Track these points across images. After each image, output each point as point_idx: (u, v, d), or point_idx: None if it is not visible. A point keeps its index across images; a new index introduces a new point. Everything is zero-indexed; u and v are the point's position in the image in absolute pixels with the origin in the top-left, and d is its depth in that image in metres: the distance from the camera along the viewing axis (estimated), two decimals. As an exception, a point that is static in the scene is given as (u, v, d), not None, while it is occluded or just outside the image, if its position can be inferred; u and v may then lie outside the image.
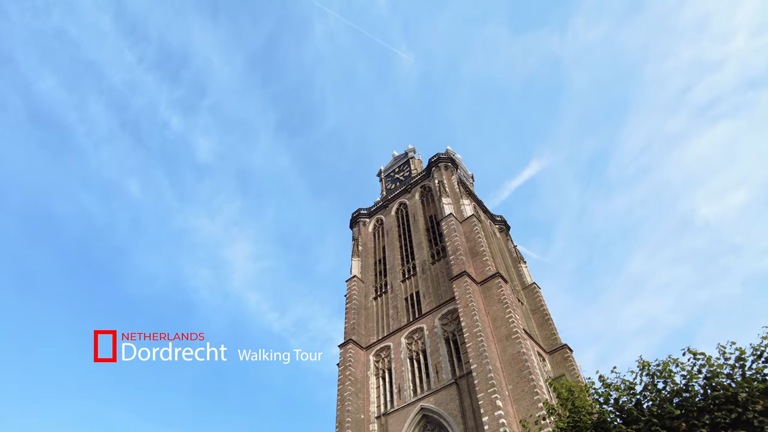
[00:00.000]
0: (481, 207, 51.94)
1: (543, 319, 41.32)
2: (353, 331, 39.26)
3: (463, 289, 33.77)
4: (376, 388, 35.67)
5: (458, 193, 45.38)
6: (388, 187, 56.81)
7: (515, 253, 49.54)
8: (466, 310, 32.39)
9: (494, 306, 33.42)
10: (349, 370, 35.66)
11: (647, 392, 8.58)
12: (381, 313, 41.45)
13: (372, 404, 34.53)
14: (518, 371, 29.02)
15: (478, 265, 36.97)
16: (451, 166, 49.18)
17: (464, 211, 42.79)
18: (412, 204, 49.12)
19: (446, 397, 30.90)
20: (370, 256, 47.76)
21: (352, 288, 43.58)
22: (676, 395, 8.27)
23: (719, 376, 8.15)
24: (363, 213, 52.23)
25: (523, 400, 27.52)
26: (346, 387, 34.42)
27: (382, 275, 45.01)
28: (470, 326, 31.31)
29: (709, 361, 8.41)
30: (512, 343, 30.60)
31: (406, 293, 41.06)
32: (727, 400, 7.76)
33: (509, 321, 31.83)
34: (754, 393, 7.65)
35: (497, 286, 34.28)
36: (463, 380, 30.80)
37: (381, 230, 49.98)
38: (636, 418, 8.17)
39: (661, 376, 8.66)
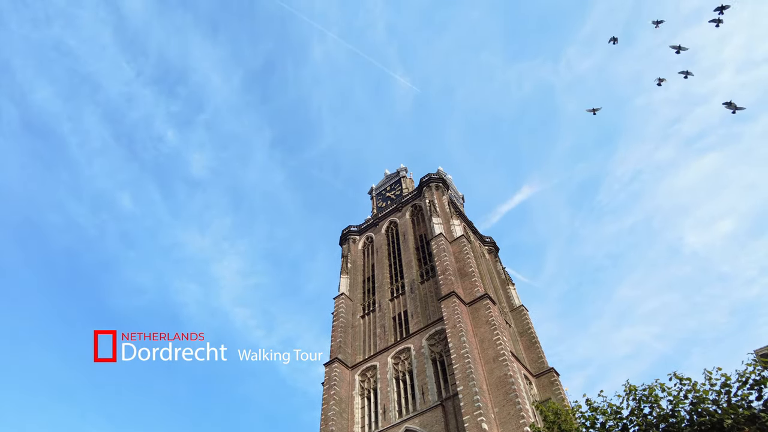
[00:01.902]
0: (471, 228, 52.15)
1: (530, 341, 41.19)
2: (339, 350, 38.73)
3: (451, 310, 33.60)
4: (360, 409, 35.05)
5: (448, 214, 45.54)
6: (379, 205, 56.90)
7: (504, 274, 49.62)
8: (454, 331, 32.18)
9: (482, 327, 33.25)
10: (334, 389, 35.07)
11: (633, 417, 8.54)
12: (368, 331, 41.03)
13: (356, 425, 33.87)
14: (504, 394, 28.74)
15: (467, 286, 36.90)
16: (442, 186, 49.48)
17: (454, 232, 42.88)
18: (402, 223, 49.15)
19: (431, 419, 30.42)
20: (359, 273, 47.48)
21: (339, 305, 43.16)
22: (663, 420, 8.24)
23: (705, 402, 8.14)
24: (353, 230, 52.12)
25: (509, 423, 27.20)
26: (330, 407, 33.78)
27: (370, 293, 44.70)
28: (458, 347, 31.06)
29: (695, 387, 8.41)
30: (499, 366, 30.37)
31: (394, 312, 40.76)
32: (713, 427, 7.74)
33: (497, 343, 31.65)
34: (740, 419, 7.64)
35: (485, 308, 34.18)
36: (449, 402, 30.40)
37: (371, 248, 49.83)
38: (622, 444, 8.09)
39: (647, 400, 8.63)
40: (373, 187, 60.67)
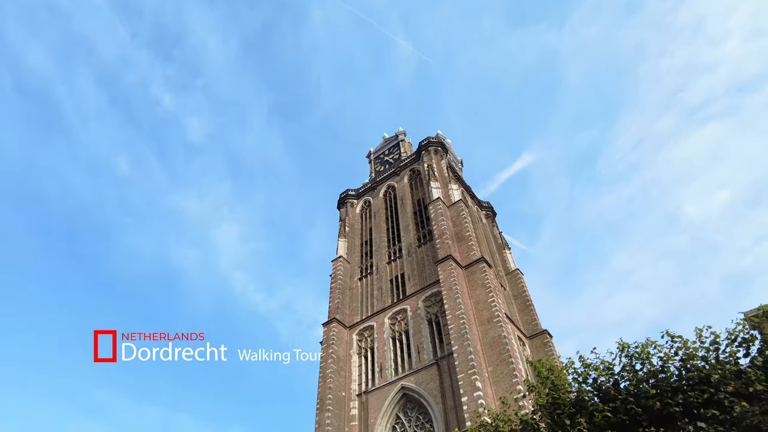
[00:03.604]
0: (469, 192, 52.17)
1: (525, 304, 42.01)
2: (337, 311, 39.49)
3: (447, 273, 34.09)
4: (358, 367, 36.08)
5: (447, 178, 45.44)
6: (377, 169, 56.61)
7: (500, 239, 50.05)
8: (450, 293, 32.76)
9: (477, 290, 33.84)
10: (332, 348, 35.98)
11: (625, 373, 8.82)
12: (366, 293, 41.71)
13: (353, 382, 34.96)
14: (498, 354, 29.58)
15: (464, 250, 37.29)
16: (441, 150, 49.13)
17: (452, 196, 42.93)
18: (400, 187, 49.09)
19: (427, 377, 31.41)
20: (357, 237, 47.80)
21: (337, 268, 43.68)
22: (653, 376, 8.51)
23: (694, 359, 8.40)
24: (351, 194, 52.09)
25: (502, 382, 28.12)
26: (328, 365, 34.75)
27: (368, 256, 45.16)
28: (453, 309, 31.71)
29: (686, 345, 8.66)
30: (493, 327, 31.11)
31: (391, 275, 41.31)
32: (700, 381, 8.02)
33: (491, 305, 32.30)
34: (726, 375, 7.91)
35: (481, 271, 34.67)
36: (444, 361, 31.30)
37: (368, 212, 49.96)
38: (613, 397, 8.40)
39: (639, 357, 8.88)
40: (371, 151, 60.19)
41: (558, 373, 9.10)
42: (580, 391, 8.71)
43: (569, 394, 8.74)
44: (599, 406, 8.17)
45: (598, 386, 8.82)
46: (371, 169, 57.48)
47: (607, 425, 7.98)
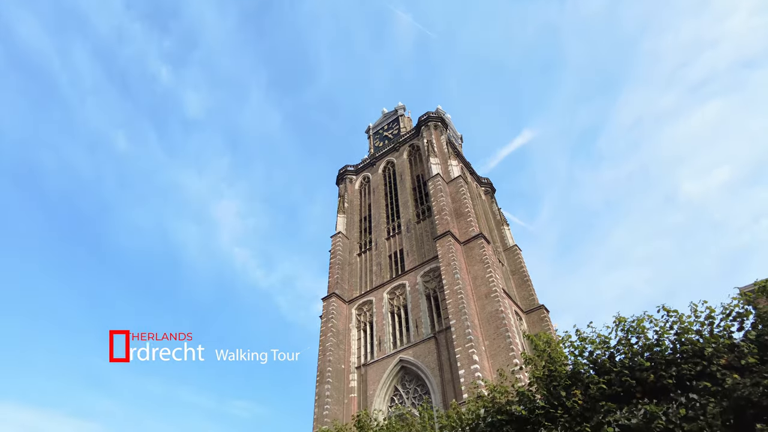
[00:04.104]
0: (468, 169, 52.00)
1: (522, 280, 42.44)
2: (336, 285, 39.87)
3: (446, 249, 34.30)
4: (357, 340, 36.66)
5: (446, 154, 45.21)
6: (376, 144, 56.23)
7: (499, 215, 50.17)
8: (448, 269, 33.03)
9: (476, 266, 34.11)
10: (332, 322, 36.47)
11: (621, 346, 8.95)
12: (365, 269, 42.03)
13: (353, 355, 35.58)
14: (495, 328, 30.03)
15: (462, 226, 37.42)
16: (441, 125, 48.72)
17: (451, 172, 42.82)
18: (399, 163, 48.88)
19: (425, 351, 31.97)
20: (356, 213, 47.86)
21: (336, 244, 43.88)
22: (648, 350, 8.65)
23: (689, 333, 8.52)
24: (350, 170, 51.89)
25: (499, 355, 28.63)
26: (328, 338, 35.30)
27: (366, 232, 45.32)
28: (451, 284, 32.03)
29: (681, 319, 8.77)
30: (491, 302, 31.50)
31: (390, 250, 41.55)
32: (694, 354, 8.16)
33: (489, 280, 32.62)
34: (720, 348, 8.05)
35: (480, 247, 34.88)
36: (441, 335, 31.80)
37: (367, 188, 49.88)
38: (608, 370, 8.56)
39: (634, 331, 9.01)
40: (370, 126, 59.65)
41: (555, 347, 9.25)
42: (576, 363, 8.88)
43: (565, 366, 8.91)
44: (594, 378, 8.34)
45: (593, 359, 8.98)
46: (370, 145, 57.10)
47: (602, 396, 8.16)
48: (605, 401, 7.99)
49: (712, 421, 7.14)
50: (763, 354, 7.65)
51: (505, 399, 8.89)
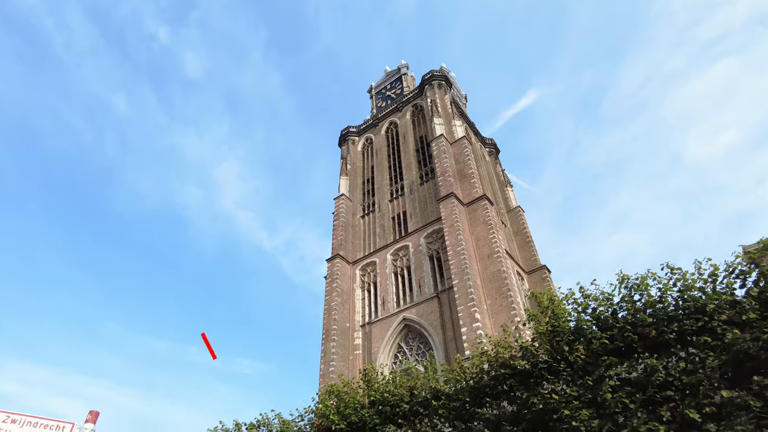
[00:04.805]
0: (473, 129, 51.31)
1: (525, 241, 42.66)
2: (340, 247, 40.23)
3: (449, 210, 34.35)
4: (361, 300, 37.35)
5: (450, 114, 44.52)
6: (378, 104, 55.29)
7: (503, 176, 49.90)
8: (451, 230, 33.19)
9: (479, 227, 34.25)
10: (336, 282, 37.04)
11: (624, 303, 9.07)
12: (368, 231, 42.26)
13: (357, 314, 36.34)
14: (497, 288, 30.47)
15: (466, 187, 37.31)
16: (445, 84, 47.72)
17: (455, 133, 42.29)
18: (402, 123, 48.22)
19: (427, 310, 32.59)
20: (359, 175, 47.67)
21: (339, 206, 43.97)
22: (650, 306, 8.77)
23: (692, 290, 8.62)
24: (352, 131, 51.29)
25: (501, 314, 29.19)
26: (333, 298, 35.96)
27: (370, 194, 45.28)
28: (454, 245, 32.27)
29: (684, 276, 8.85)
30: (493, 262, 31.81)
31: (393, 212, 41.64)
32: (696, 311, 8.29)
33: (492, 241, 32.82)
34: (722, 305, 8.16)
35: (483, 208, 34.90)
36: (444, 295, 32.32)
37: (370, 149, 49.44)
38: (611, 326, 8.72)
39: (638, 289, 9.11)
40: (372, 85, 58.46)
41: (558, 303, 9.39)
42: (579, 320, 9.04)
43: (568, 323, 9.08)
44: (597, 334, 8.51)
45: (596, 316, 9.13)
46: (372, 105, 56.18)
47: (604, 351, 8.34)
48: (607, 356, 8.19)
49: (710, 374, 7.33)
50: (764, 310, 7.76)
51: (508, 354, 9.11)
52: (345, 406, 10.01)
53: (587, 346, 8.53)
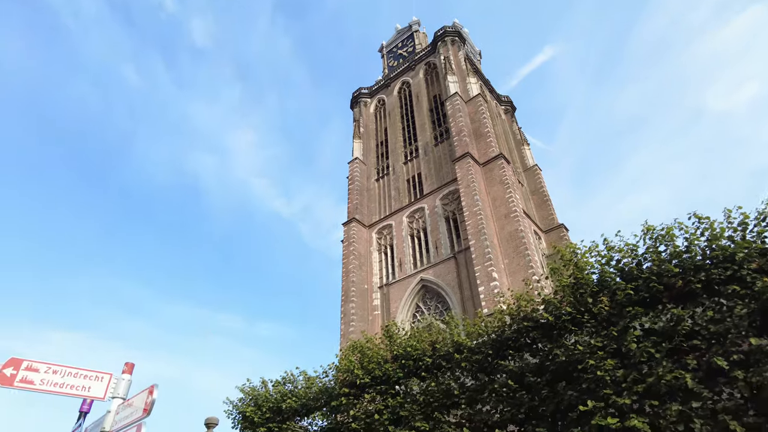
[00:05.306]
0: (488, 86, 49.95)
1: (542, 200, 42.18)
2: (356, 211, 40.33)
3: (465, 170, 33.94)
4: (378, 262, 37.70)
5: (464, 71, 43.30)
6: (390, 64, 53.97)
7: (519, 135, 48.89)
8: (467, 191, 32.90)
9: (495, 187, 33.88)
10: (353, 245, 37.35)
11: (648, 254, 8.90)
12: (383, 194, 42.16)
13: (375, 276, 36.78)
14: (515, 247, 30.40)
15: (482, 147, 36.70)
16: (458, 40, 46.20)
17: (470, 90, 41.25)
18: (415, 83, 47.13)
19: (444, 270, 32.80)
20: (372, 138, 47.15)
21: (354, 170, 43.78)
22: (677, 257, 8.59)
23: (720, 239, 8.39)
24: (364, 92, 50.37)
25: (518, 273, 29.23)
26: (350, 261, 36.36)
27: (383, 157, 44.90)
28: (470, 205, 32.06)
29: (712, 225, 8.60)
30: (510, 222, 31.62)
31: (407, 175, 41.34)
32: (724, 260, 8.09)
33: (509, 201, 32.51)
34: (752, 253, 7.94)
35: (499, 168, 34.40)
36: (461, 255, 32.40)
37: (383, 111, 48.65)
38: (635, 277, 8.60)
39: (663, 239, 8.91)
40: (383, 44, 56.91)
41: (582, 256, 9.27)
42: (603, 272, 8.92)
43: (591, 275, 8.98)
44: (621, 285, 8.41)
45: (620, 268, 9.00)
46: (384, 65, 54.88)
47: (629, 302, 8.26)
48: (632, 307, 8.11)
49: (739, 322, 7.22)
50: (797, 257, 7.55)
51: (530, 307, 9.10)
52: (368, 360, 10.21)
53: (611, 297, 8.44)
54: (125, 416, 4.47)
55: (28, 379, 4.20)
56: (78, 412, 5.67)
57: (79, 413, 5.61)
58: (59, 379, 4.38)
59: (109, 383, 4.69)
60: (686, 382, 6.95)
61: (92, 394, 4.57)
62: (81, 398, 4.78)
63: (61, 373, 4.39)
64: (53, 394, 4.30)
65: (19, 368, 4.17)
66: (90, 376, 4.56)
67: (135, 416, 4.22)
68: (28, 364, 4.22)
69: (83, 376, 4.52)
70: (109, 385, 4.67)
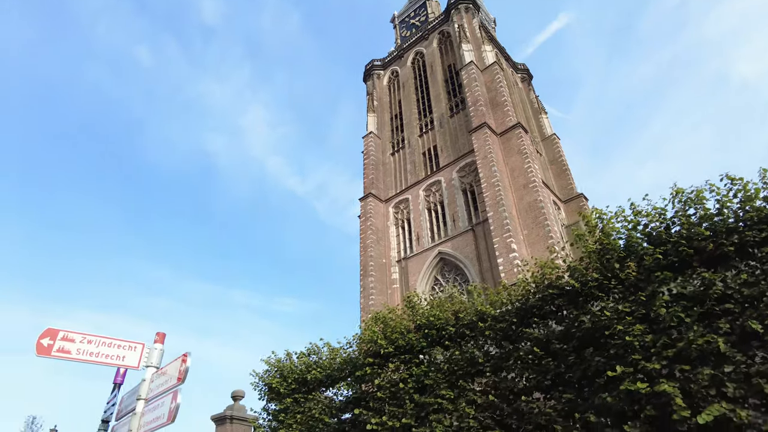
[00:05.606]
0: (503, 54, 48.62)
1: (560, 169, 41.44)
2: (372, 186, 40.21)
3: (482, 141, 33.39)
4: (395, 237, 37.75)
5: (479, 39, 42.15)
6: (402, 34, 52.82)
7: (537, 103, 47.75)
8: (485, 162, 32.44)
9: (513, 157, 33.33)
10: (370, 221, 37.39)
11: (677, 218, 8.64)
12: (398, 168, 41.87)
13: (393, 250, 36.90)
14: (534, 218, 30.06)
15: (499, 116, 35.99)
16: (473, 7, 44.83)
17: (486, 59, 40.22)
18: (429, 53, 46.12)
19: (463, 243, 32.69)
20: (386, 111, 46.57)
21: (368, 144, 43.46)
22: (707, 220, 8.32)
23: (755, 200, 8.09)
24: (377, 64, 49.53)
25: (538, 244, 28.97)
26: (368, 236, 36.47)
27: (398, 131, 44.40)
28: (488, 177, 31.66)
29: (746, 186, 8.28)
30: (529, 192, 31.20)
31: (423, 148, 40.88)
32: (759, 221, 7.82)
33: (527, 171, 32.00)
34: (788, 214, 7.64)
35: (517, 137, 33.77)
36: (479, 227, 32.20)
37: (396, 83, 47.88)
38: (664, 241, 8.37)
39: (693, 202, 8.63)
40: (395, 14, 55.59)
41: (608, 222, 9.05)
42: (630, 237, 8.70)
43: (618, 240, 8.78)
44: (649, 250, 8.19)
45: (648, 233, 8.76)
46: (396, 35, 53.74)
47: (657, 267, 8.07)
48: (660, 271, 7.92)
49: (774, 285, 7.01)
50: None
51: (555, 275, 8.97)
52: (392, 331, 10.27)
53: (639, 262, 8.25)
54: (160, 384, 4.56)
55: (65, 349, 4.30)
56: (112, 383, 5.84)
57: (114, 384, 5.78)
58: (94, 349, 4.48)
59: (143, 352, 4.79)
60: (718, 347, 6.79)
61: (126, 363, 4.68)
62: (115, 367, 4.90)
63: (95, 342, 4.49)
64: (89, 363, 4.41)
65: (56, 338, 4.28)
66: (123, 346, 4.66)
67: (170, 383, 4.30)
68: (64, 334, 4.32)
69: (117, 345, 4.62)
70: (142, 354, 4.78)
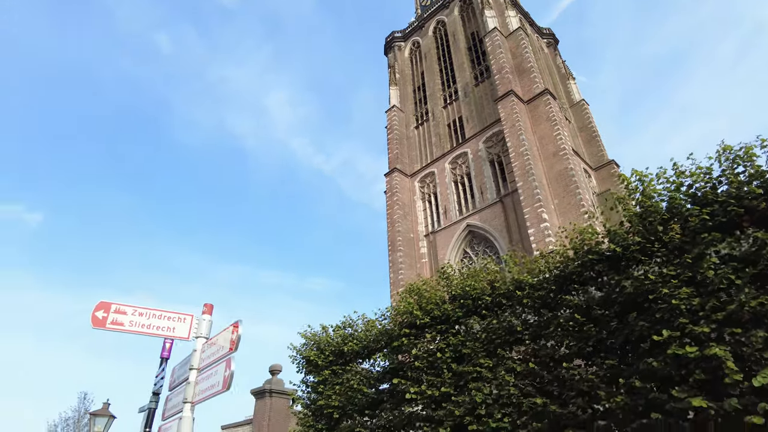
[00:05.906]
0: (527, 19, 46.86)
1: (590, 136, 40.16)
2: (397, 160, 39.93)
3: (509, 110, 32.55)
4: (422, 211, 37.59)
5: (502, 4, 40.69)
6: (422, 3, 51.40)
7: (564, 69, 46.09)
8: (513, 131, 31.67)
9: (541, 125, 32.43)
10: (396, 195, 37.28)
11: (724, 177, 8.22)
12: (423, 141, 41.38)
13: (420, 225, 36.81)
14: (564, 186, 29.37)
15: (525, 83, 34.92)
16: (495, -30, 43.07)
17: (509, 24, 38.86)
18: (450, 21, 44.83)
19: (491, 215, 32.30)
20: (408, 84, 45.81)
21: (392, 118, 42.99)
22: (758, 177, 7.89)
23: (811, 155, 7.61)
24: (397, 36, 48.55)
25: (569, 213, 28.36)
26: (394, 211, 36.43)
27: (422, 103, 43.70)
28: (516, 146, 30.96)
29: (802, 142, 7.80)
30: (559, 160, 30.41)
31: (448, 119, 40.19)
32: (817, 177, 7.36)
33: (557, 139, 31.13)
34: None
35: (545, 104, 32.78)
36: (508, 198, 31.69)
37: (418, 54, 46.89)
38: (710, 201, 8.00)
39: (741, 160, 8.17)
40: (414, -17, 54.04)
41: (649, 183, 8.68)
42: (673, 198, 8.34)
43: (660, 202, 8.43)
44: (695, 211, 7.85)
45: (692, 193, 8.37)
46: (416, 5, 52.38)
47: (703, 228, 7.73)
48: (707, 233, 7.60)
49: (833, 243, 6.63)
50: None
51: (594, 240, 8.73)
52: (427, 302, 10.26)
53: (683, 224, 7.93)
54: (211, 354, 4.67)
55: (118, 321, 4.45)
56: (159, 358, 6.03)
57: (161, 359, 5.96)
58: (145, 321, 4.62)
59: (192, 324, 4.92)
60: (773, 308, 6.53)
61: (177, 334, 4.82)
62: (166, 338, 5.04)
63: (146, 315, 4.62)
64: (141, 335, 4.56)
65: (109, 311, 4.42)
66: (173, 318, 4.79)
67: (222, 353, 4.39)
68: (116, 307, 4.46)
69: (167, 317, 4.75)
70: (192, 326, 4.90)
